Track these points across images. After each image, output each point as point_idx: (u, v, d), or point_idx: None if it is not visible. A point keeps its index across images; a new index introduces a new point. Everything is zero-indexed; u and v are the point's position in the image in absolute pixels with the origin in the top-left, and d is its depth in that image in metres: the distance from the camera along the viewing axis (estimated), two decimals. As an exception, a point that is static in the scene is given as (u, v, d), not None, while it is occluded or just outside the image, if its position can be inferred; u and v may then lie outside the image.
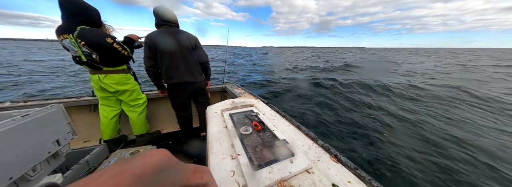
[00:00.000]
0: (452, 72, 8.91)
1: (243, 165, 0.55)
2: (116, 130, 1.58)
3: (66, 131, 0.80)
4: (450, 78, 7.06)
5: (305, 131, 0.79)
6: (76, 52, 1.18)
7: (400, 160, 1.91)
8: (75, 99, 1.60)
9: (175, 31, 1.30)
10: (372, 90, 4.82)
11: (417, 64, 13.04)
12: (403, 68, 10.12)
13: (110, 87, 1.37)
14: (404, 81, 5.94)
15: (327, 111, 3.34)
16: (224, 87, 2.08)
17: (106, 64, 1.29)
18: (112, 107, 1.54)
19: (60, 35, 1.13)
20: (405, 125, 2.76)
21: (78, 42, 1.12)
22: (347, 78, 6.40)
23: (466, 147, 2.19)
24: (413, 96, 4.30)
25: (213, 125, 0.87)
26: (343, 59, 17.81)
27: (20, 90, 5.03)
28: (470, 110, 3.52)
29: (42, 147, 0.67)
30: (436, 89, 5.03)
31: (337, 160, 0.59)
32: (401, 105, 3.72)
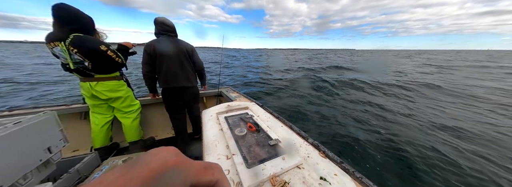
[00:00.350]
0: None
1: (238, 163, 0.58)
2: (107, 138, 1.54)
3: (58, 138, 0.79)
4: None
5: (297, 131, 0.83)
6: (65, 59, 1.17)
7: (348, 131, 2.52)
8: (65, 106, 1.56)
9: (173, 40, 1.41)
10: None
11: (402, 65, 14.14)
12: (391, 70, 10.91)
13: (102, 95, 1.35)
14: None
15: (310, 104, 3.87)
16: (219, 91, 2.12)
17: (98, 71, 1.28)
18: (103, 114, 1.51)
19: (51, 42, 1.12)
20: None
21: (70, 50, 1.12)
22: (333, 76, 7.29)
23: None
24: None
25: (209, 128, 0.89)
26: (335, 61, 18.75)
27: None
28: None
29: (33, 155, 0.66)
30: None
31: (325, 155, 0.64)
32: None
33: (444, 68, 11.89)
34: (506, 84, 6.38)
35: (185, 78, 1.45)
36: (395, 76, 7.95)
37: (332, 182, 0.50)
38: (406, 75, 8.17)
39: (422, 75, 8.30)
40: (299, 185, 0.50)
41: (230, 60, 18.26)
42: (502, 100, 4.38)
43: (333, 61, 17.84)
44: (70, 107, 1.58)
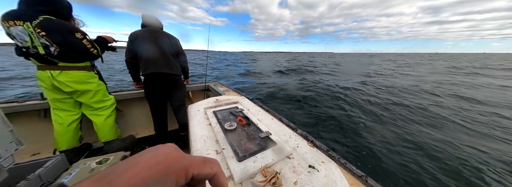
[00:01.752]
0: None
1: (228, 157, 0.57)
2: (76, 138, 1.35)
3: (8, 140, 0.66)
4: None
5: (286, 123, 0.85)
6: (26, 42, 1.00)
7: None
8: (16, 104, 1.30)
9: (156, 30, 1.45)
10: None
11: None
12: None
13: (66, 86, 1.15)
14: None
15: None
16: (207, 85, 2.02)
17: (65, 59, 1.11)
18: (68, 111, 1.30)
19: (10, 20, 0.95)
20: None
21: (37, 32, 0.98)
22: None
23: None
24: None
25: (196, 123, 0.85)
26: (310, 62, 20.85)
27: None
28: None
29: (-28, 162, 0.54)
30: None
31: (313, 145, 0.67)
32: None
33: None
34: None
35: (165, 64, 1.44)
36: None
37: (320, 169, 0.53)
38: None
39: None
40: (289, 174, 0.51)
41: (222, 65, 14.75)
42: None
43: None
44: (23, 104, 1.32)
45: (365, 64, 19.20)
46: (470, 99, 4.50)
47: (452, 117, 3.17)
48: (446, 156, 2.01)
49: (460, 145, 2.24)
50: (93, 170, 1.03)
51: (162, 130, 1.66)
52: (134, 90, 1.74)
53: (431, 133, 2.55)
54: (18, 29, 0.97)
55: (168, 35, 1.51)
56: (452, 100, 4.42)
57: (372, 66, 15.97)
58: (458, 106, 3.83)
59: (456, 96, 4.75)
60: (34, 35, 0.99)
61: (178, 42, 1.58)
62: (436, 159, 1.94)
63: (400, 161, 1.90)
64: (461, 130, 2.71)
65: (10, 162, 0.65)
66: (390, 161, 1.90)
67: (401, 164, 1.86)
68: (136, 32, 1.40)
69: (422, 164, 1.85)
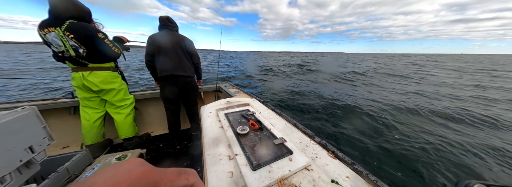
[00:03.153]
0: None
1: (242, 165, 0.53)
2: (100, 134, 1.46)
3: (41, 136, 0.72)
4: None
5: (302, 129, 0.79)
6: (60, 46, 1.13)
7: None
8: (51, 101, 1.45)
9: (172, 33, 1.51)
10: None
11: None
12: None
13: (94, 86, 1.28)
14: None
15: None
16: (218, 86, 2.04)
17: (93, 60, 1.24)
18: (95, 109, 1.42)
19: (45, 28, 1.09)
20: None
21: (66, 35, 1.10)
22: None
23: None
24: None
25: (208, 125, 0.84)
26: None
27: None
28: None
29: (11, 155, 0.59)
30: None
31: (334, 156, 0.60)
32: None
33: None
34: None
35: (179, 67, 1.50)
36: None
37: (345, 185, 0.47)
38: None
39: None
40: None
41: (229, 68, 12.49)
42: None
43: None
44: (57, 101, 1.47)
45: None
46: None
47: None
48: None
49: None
50: (113, 165, 1.09)
51: (175, 129, 1.71)
52: (151, 90, 1.83)
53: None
54: (52, 35, 1.10)
55: (183, 38, 1.56)
56: None
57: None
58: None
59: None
60: (64, 39, 1.11)
61: (192, 44, 1.62)
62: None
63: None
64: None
65: (42, 157, 0.71)
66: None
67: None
68: (154, 35, 1.47)
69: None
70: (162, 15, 1.55)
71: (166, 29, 1.50)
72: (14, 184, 0.60)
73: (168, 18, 1.51)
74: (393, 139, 2.27)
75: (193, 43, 1.64)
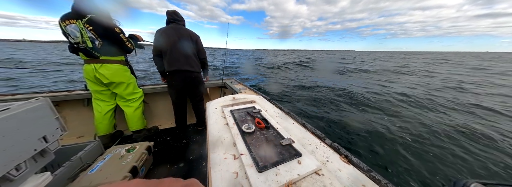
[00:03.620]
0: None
1: (247, 166, 0.50)
2: (111, 126, 1.52)
3: (54, 126, 0.74)
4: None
5: (311, 130, 0.74)
6: (77, 38, 1.20)
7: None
8: (67, 93, 1.52)
9: (179, 28, 1.50)
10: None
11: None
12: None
13: (105, 78, 1.32)
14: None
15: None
16: (223, 82, 2.02)
17: (105, 52, 1.30)
18: (106, 102, 1.47)
19: (66, 20, 1.17)
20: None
21: (86, 27, 1.19)
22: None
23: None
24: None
25: (213, 122, 0.82)
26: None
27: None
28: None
29: (26, 145, 0.61)
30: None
31: (348, 161, 0.55)
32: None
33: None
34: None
35: (186, 62, 1.50)
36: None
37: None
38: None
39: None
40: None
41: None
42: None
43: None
44: (72, 93, 1.54)
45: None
46: None
47: None
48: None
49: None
50: (123, 156, 1.12)
51: (181, 123, 1.74)
52: (159, 85, 1.86)
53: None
54: (72, 27, 1.17)
55: (190, 33, 1.54)
56: None
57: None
58: None
59: None
60: (84, 30, 1.19)
61: (199, 39, 1.60)
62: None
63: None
64: None
65: (56, 146, 0.73)
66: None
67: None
68: (161, 29, 1.46)
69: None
70: (169, 9, 1.54)
71: (174, 23, 1.50)
72: (30, 171, 0.62)
73: (175, 12, 1.52)
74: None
75: (200, 38, 1.62)
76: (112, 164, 1.03)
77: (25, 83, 5.32)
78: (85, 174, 0.93)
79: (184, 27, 1.58)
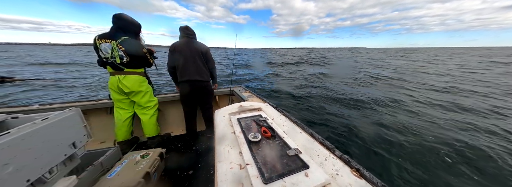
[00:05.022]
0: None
1: (253, 176, 0.50)
2: (129, 132, 1.63)
3: (82, 134, 0.83)
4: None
5: (319, 140, 0.72)
6: (107, 54, 1.40)
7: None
8: (94, 102, 1.70)
9: (191, 41, 1.65)
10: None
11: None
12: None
13: (126, 88, 1.47)
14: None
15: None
16: (231, 90, 2.08)
17: (129, 66, 1.49)
18: (125, 110, 1.60)
19: (102, 39, 1.37)
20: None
21: (119, 48, 1.39)
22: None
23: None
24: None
25: (221, 130, 0.84)
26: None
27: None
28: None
29: (59, 150, 0.69)
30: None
31: (359, 174, 0.52)
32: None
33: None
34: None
35: (197, 73, 1.62)
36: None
37: None
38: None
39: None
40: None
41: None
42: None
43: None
44: (98, 102, 1.72)
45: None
46: None
47: None
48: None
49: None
50: (138, 162, 1.18)
51: (192, 130, 1.80)
52: (172, 94, 1.98)
53: None
54: (106, 45, 1.38)
55: (200, 45, 1.68)
56: None
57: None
58: None
59: None
60: (116, 50, 1.39)
61: (208, 51, 1.74)
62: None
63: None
64: None
65: (82, 151, 0.81)
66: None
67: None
68: (175, 44, 1.63)
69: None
70: (181, 25, 1.73)
71: (185, 38, 1.66)
72: (60, 175, 0.70)
73: (186, 28, 1.68)
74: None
75: (209, 50, 1.76)
76: (128, 170, 1.09)
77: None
78: (104, 179, 0.99)
79: (195, 40, 1.72)
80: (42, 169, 0.61)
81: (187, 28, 1.70)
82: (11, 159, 0.52)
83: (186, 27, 1.70)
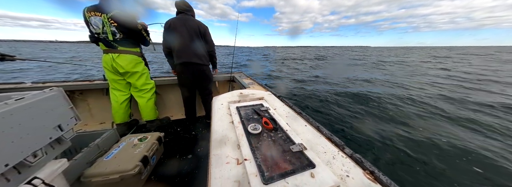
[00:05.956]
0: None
1: (251, 175, 0.44)
2: (127, 114, 1.60)
3: (69, 116, 0.77)
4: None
5: (327, 135, 0.64)
6: (99, 28, 1.25)
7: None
8: (88, 82, 1.62)
9: (187, 19, 1.46)
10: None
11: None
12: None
13: (121, 67, 1.38)
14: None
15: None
16: (232, 76, 1.96)
17: (123, 44, 1.36)
18: (121, 91, 1.53)
19: (92, 12, 1.21)
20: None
21: (110, 22, 1.25)
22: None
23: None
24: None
25: (218, 119, 0.76)
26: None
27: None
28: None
29: (41, 133, 0.64)
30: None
31: (374, 178, 0.45)
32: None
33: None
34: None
35: (195, 55, 1.48)
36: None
37: None
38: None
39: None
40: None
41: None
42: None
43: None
44: (93, 82, 1.64)
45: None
46: None
47: None
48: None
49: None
50: (135, 145, 1.17)
51: (191, 115, 1.76)
52: (171, 77, 1.88)
53: None
54: (96, 19, 1.22)
55: (198, 23, 1.48)
56: None
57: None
58: None
59: None
60: (107, 24, 1.23)
61: (208, 30, 1.54)
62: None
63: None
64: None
65: (71, 134, 0.77)
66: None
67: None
68: (169, 21, 1.44)
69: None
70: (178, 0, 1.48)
71: (182, 14, 1.47)
72: (47, 158, 0.66)
73: (183, 2, 1.48)
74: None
75: (208, 30, 1.55)
76: (126, 152, 1.08)
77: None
78: (101, 160, 0.99)
79: (193, 17, 1.51)
80: (22, 153, 0.56)
81: (183, 2, 1.46)
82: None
83: (183, 2, 1.46)
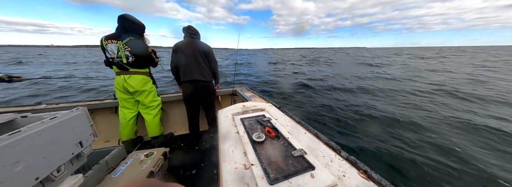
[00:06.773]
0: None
1: (258, 177, 0.50)
2: (133, 131, 1.65)
3: (89, 133, 0.84)
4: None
5: (325, 140, 0.71)
6: (115, 53, 1.43)
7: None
8: (99, 101, 1.73)
9: (193, 41, 1.66)
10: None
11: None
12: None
13: (131, 87, 1.50)
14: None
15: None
16: (234, 90, 2.08)
17: (135, 66, 1.52)
18: (130, 109, 1.62)
19: (109, 40, 1.41)
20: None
21: (124, 48, 1.43)
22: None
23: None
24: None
25: (224, 130, 0.84)
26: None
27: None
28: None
29: (66, 148, 0.71)
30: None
31: (367, 177, 0.51)
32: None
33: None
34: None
35: (199, 73, 1.63)
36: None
37: None
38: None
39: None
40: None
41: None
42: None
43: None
44: (103, 102, 1.74)
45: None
46: None
47: None
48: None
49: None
50: (142, 161, 1.20)
51: (194, 130, 1.81)
52: (175, 93, 2.00)
53: None
54: (112, 45, 1.42)
55: (203, 45, 1.69)
56: None
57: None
58: None
59: None
60: (122, 50, 1.42)
61: (211, 51, 1.75)
62: None
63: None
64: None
65: (89, 150, 0.82)
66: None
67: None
68: (178, 44, 1.63)
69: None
70: (184, 25, 1.76)
71: (188, 38, 1.67)
72: (67, 173, 0.71)
73: (189, 27, 1.69)
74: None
75: (212, 50, 1.77)
76: (133, 169, 1.10)
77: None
78: (110, 177, 1.00)
79: (198, 40, 1.73)
80: (50, 167, 0.62)
81: (189, 27, 1.70)
82: (21, 157, 0.53)
83: (189, 26, 1.70)
